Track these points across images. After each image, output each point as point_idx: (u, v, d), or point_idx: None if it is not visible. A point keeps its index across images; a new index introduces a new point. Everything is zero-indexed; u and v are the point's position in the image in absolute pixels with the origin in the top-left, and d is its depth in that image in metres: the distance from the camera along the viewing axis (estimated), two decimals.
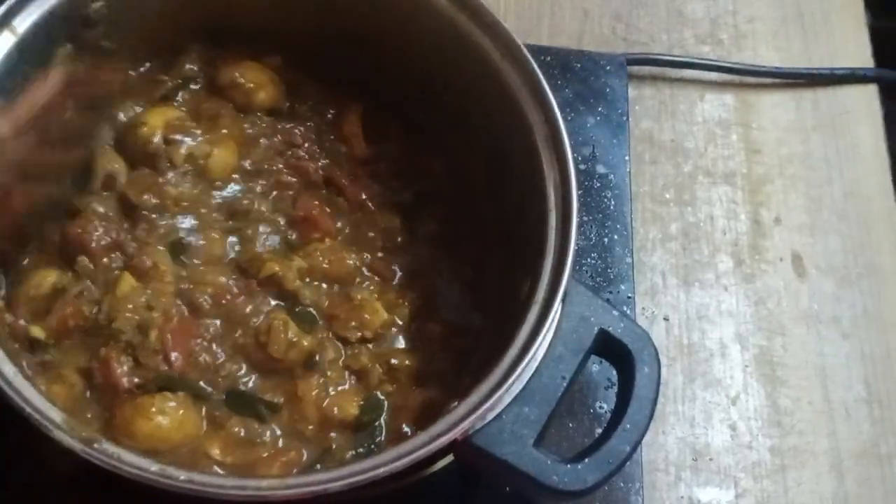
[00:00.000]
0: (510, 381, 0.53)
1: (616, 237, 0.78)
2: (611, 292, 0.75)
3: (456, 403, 0.53)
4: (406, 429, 0.62)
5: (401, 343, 0.67)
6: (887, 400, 0.76)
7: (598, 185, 0.80)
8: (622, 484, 0.68)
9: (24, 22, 0.61)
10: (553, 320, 0.56)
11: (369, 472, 0.50)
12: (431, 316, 0.67)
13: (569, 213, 0.59)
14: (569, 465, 0.54)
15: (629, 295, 0.75)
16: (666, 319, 0.78)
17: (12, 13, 0.60)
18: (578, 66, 0.86)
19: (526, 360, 0.54)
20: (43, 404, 0.52)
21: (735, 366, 0.76)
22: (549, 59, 0.85)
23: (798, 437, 0.74)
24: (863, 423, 0.75)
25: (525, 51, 0.63)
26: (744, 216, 0.83)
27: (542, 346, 0.55)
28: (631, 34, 0.91)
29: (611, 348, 0.58)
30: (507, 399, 0.54)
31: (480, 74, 0.65)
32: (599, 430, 0.68)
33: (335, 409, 0.62)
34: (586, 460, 0.54)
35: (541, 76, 0.62)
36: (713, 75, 0.89)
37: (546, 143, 0.61)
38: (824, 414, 0.75)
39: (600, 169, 0.81)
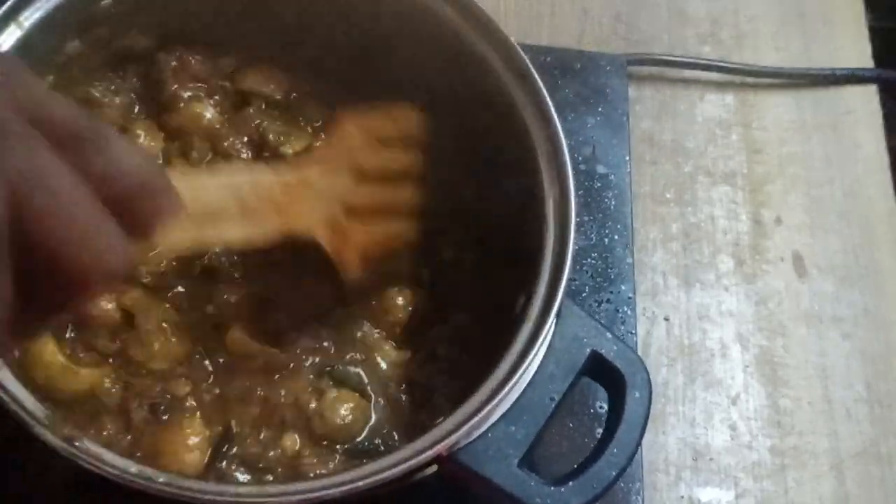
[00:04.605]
0: (498, 398, 0.53)
1: (616, 237, 0.78)
2: (611, 292, 0.75)
3: (442, 418, 0.53)
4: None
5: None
6: (887, 400, 0.76)
7: (599, 185, 0.80)
8: (622, 484, 0.68)
9: (31, 17, 0.61)
10: (545, 339, 0.55)
11: (348, 484, 0.50)
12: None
13: (567, 231, 0.58)
14: (552, 488, 0.53)
15: (629, 295, 0.75)
16: (666, 320, 0.78)
17: (19, 7, 0.60)
18: (578, 66, 0.86)
19: (515, 377, 0.53)
20: (26, 399, 0.51)
21: (735, 366, 0.76)
22: (548, 59, 0.85)
23: (798, 437, 0.74)
24: (863, 423, 0.75)
25: (529, 63, 0.62)
26: (744, 216, 0.83)
27: (533, 365, 0.55)
28: (631, 34, 0.91)
29: (602, 371, 0.58)
30: (495, 417, 0.53)
31: (482, 86, 0.64)
32: (600, 430, 0.68)
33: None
34: (571, 483, 0.54)
35: (545, 91, 0.62)
36: (713, 75, 0.89)
37: (547, 159, 0.60)
38: (824, 414, 0.75)
39: (600, 169, 0.81)
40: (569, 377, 0.56)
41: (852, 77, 0.90)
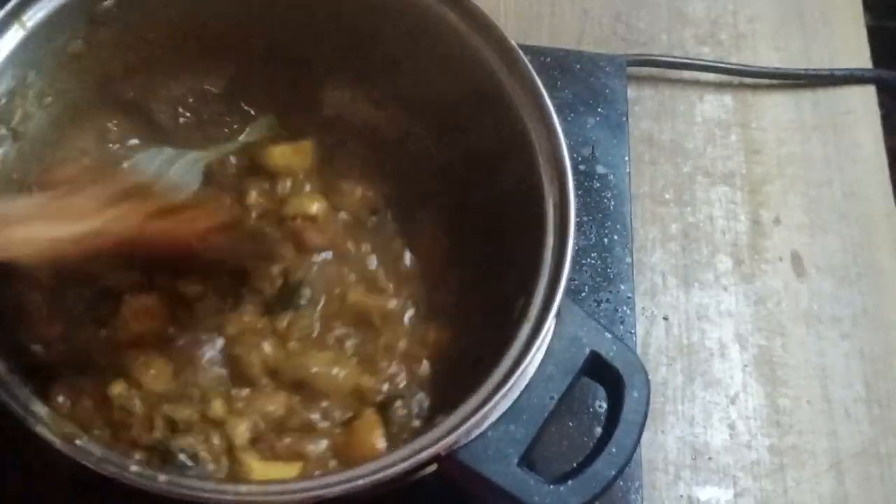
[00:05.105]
0: (497, 398, 0.53)
1: (616, 237, 0.78)
2: (610, 292, 0.75)
3: (442, 417, 0.53)
4: None
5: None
6: (887, 400, 0.76)
7: (598, 185, 0.80)
8: (621, 483, 0.68)
9: (34, 17, 0.61)
10: (544, 339, 0.55)
11: (348, 482, 0.50)
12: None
13: (566, 231, 0.58)
14: (551, 487, 0.53)
15: (629, 295, 0.76)
16: (665, 319, 0.78)
17: (23, 7, 0.61)
18: (578, 66, 0.86)
19: (514, 378, 0.53)
20: (26, 397, 0.52)
21: (734, 366, 0.76)
22: (548, 59, 0.85)
23: (797, 436, 0.74)
24: (862, 423, 0.75)
25: (529, 64, 0.62)
26: (743, 216, 0.83)
27: (532, 365, 0.55)
28: (631, 35, 0.91)
29: (601, 371, 0.58)
30: (494, 416, 0.54)
31: (482, 86, 0.64)
32: (599, 430, 0.68)
33: None
34: (570, 482, 0.54)
35: (545, 91, 0.62)
36: (713, 76, 0.89)
37: (547, 160, 0.60)
38: (824, 413, 0.75)
39: (600, 169, 0.81)
40: (568, 377, 0.56)
41: (851, 77, 0.90)
